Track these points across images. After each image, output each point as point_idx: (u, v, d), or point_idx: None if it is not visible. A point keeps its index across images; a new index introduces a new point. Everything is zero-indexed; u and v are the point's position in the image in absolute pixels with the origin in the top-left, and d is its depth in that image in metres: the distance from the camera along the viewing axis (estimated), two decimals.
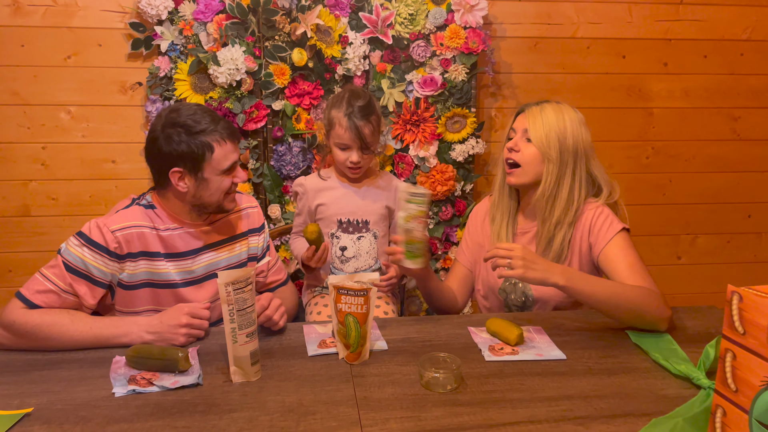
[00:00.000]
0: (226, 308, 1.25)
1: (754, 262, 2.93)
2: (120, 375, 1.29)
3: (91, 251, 1.48)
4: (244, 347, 1.27)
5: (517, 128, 1.68)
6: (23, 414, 1.14)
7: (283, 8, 2.31)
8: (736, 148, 2.82)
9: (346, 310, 1.35)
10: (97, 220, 1.52)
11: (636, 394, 1.24)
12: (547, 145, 1.62)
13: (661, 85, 2.72)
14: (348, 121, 1.84)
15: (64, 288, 1.46)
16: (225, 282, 1.23)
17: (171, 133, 1.50)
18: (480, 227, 1.83)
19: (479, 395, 1.23)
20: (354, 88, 1.96)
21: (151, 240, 1.55)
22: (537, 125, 1.63)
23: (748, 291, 0.94)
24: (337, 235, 1.94)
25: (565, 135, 1.62)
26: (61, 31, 2.38)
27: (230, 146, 1.54)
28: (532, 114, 1.65)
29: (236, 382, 1.27)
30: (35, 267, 2.50)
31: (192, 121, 1.50)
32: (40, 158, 2.46)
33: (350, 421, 1.14)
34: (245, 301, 1.26)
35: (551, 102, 1.69)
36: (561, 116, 1.64)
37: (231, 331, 1.26)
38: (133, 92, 2.45)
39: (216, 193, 1.56)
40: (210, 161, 1.51)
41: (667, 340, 1.47)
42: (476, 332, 1.52)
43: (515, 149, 1.66)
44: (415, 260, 1.58)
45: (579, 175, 1.65)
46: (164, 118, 1.53)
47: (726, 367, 0.99)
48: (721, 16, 2.68)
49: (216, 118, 1.54)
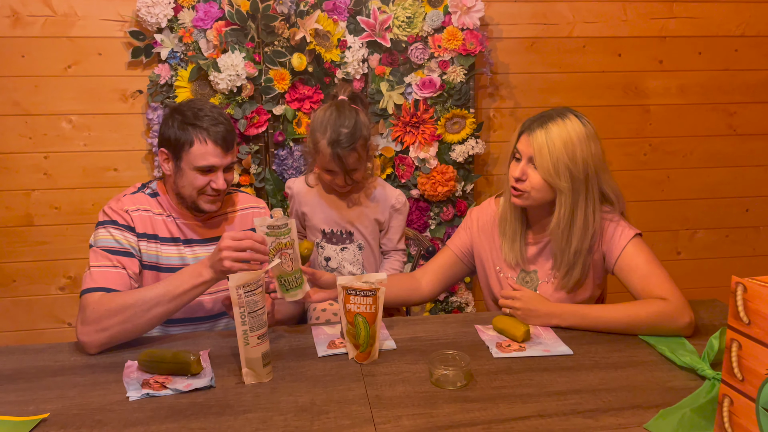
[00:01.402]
0: (238, 311, 1.26)
1: (752, 256, 2.96)
2: (133, 379, 1.30)
3: (116, 229, 1.57)
4: (256, 349, 1.29)
5: (523, 153, 1.55)
6: (40, 419, 1.16)
7: (281, 14, 2.32)
8: (732, 143, 2.85)
9: (355, 310, 1.37)
10: (109, 203, 1.62)
11: (643, 386, 1.26)
12: (556, 177, 1.50)
13: (657, 83, 2.74)
14: (331, 152, 1.76)
15: (114, 264, 1.52)
16: (236, 285, 1.25)
17: (170, 117, 1.61)
18: (485, 231, 1.75)
19: (489, 391, 1.25)
20: (340, 105, 1.80)
21: (159, 224, 1.63)
22: (543, 156, 1.51)
23: (753, 281, 0.96)
24: (321, 244, 1.91)
25: (575, 161, 1.50)
26: (61, 40, 2.39)
27: (211, 148, 1.57)
28: (537, 142, 1.51)
29: (249, 384, 1.29)
30: (39, 277, 2.56)
31: (191, 113, 1.58)
32: (42, 168, 2.47)
33: (363, 419, 1.15)
34: (256, 303, 1.27)
35: (556, 120, 1.53)
36: (569, 139, 1.50)
37: (243, 334, 1.27)
38: (134, 100, 2.46)
39: (188, 187, 1.60)
40: (188, 153, 1.57)
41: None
42: (483, 330, 1.54)
43: (522, 179, 1.55)
44: (293, 292, 1.49)
45: (592, 197, 1.55)
46: (180, 102, 1.65)
47: (732, 356, 1.01)
48: (714, 13, 2.71)
49: (216, 121, 1.58)
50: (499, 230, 1.70)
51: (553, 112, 1.56)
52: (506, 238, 1.67)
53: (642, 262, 1.54)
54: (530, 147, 1.53)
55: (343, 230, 1.90)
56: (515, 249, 1.65)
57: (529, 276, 1.66)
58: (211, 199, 1.62)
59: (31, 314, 2.57)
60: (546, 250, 1.65)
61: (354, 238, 1.91)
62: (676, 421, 1.12)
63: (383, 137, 2.50)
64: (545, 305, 1.55)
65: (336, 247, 1.91)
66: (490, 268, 1.72)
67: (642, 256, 1.55)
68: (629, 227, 1.59)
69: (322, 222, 1.91)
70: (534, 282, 1.65)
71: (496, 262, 1.70)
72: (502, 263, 1.69)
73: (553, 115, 1.54)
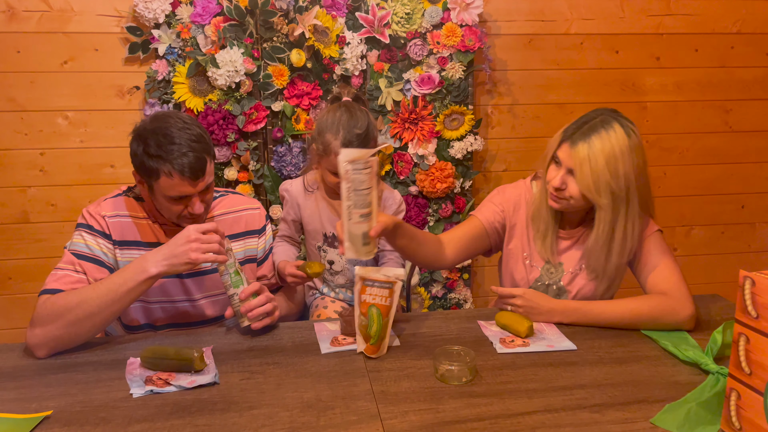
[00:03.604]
0: (345, 185, 1.32)
1: (748, 252, 2.98)
2: (136, 376, 1.29)
3: (90, 234, 1.52)
4: (357, 226, 1.34)
5: (563, 162, 1.51)
6: (43, 417, 1.15)
7: (280, 9, 2.31)
8: (728, 139, 2.86)
9: (371, 301, 1.36)
10: (88, 207, 1.57)
11: (648, 381, 1.27)
12: (596, 194, 1.47)
13: (654, 79, 2.75)
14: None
15: (76, 268, 1.48)
16: (345, 159, 1.30)
17: (134, 141, 1.48)
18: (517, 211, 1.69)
19: (494, 386, 1.25)
20: (350, 107, 1.75)
21: (143, 228, 1.57)
22: (584, 172, 1.46)
23: (761, 275, 0.96)
24: (323, 248, 1.88)
25: (617, 178, 1.45)
26: (57, 36, 2.37)
27: (178, 181, 1.43)
28: (579, 156, 1.46)
29: (347, 258, 1.33)
30: (35, 274, 2.53)
31: (154, 142, 1.43)
32: (39, 164, 2.45)
33: (370, 415, 1.15)
34: (362, 182, 1.31)
35: (600, 132, 1.46)
36: (611, 155, 1.45)
37: (347, 208, 1.33)
38: (131, 96, 2.45)
39: (167, 212, 1.52)
40: (157, 184, 1.46)
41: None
42: (486, 326, 1.54)
43: (562, 188, 1.51)
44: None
45: (633, 211, 1.51)
46: (147, 120, 1.50)
47: (739, 350, 1.01)
48: (711, 10, 2.72)
49: (183, 149, 1.42)
50: (533, 224, 1.66)
51: (597, 120, 1.48)
52: (539, 233, 1.64)
53: (655, 255, 1.56)
54: (571, 159, 1.48)
55: None
56: (546, 244, 1.64)
57: (554, 267, 1.65)
58: (191, 220, 1.52)
59: (27, 312, 2.51)
60: (578, 244, 1.65)
61: None
62: (683, 415, 1.13)
63: (382, 134, 2.50)
64: (547, 302, 1.55)
65: (338, 251, 1.87)
66: (518, 254, 1.69)
67: (657, 250, 1.56)
68: (652, 223, 1.60)
69: (324, 226, 1.86)
70: (558, 273, 1.64)
71: (525, 248, 1.68)
72: (533, 252, 1.67)
73: (597, 126, 1.47)
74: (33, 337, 1.39)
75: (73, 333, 1.39)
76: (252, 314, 1.46)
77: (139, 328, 1.63)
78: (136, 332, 1.63)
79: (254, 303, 1.46)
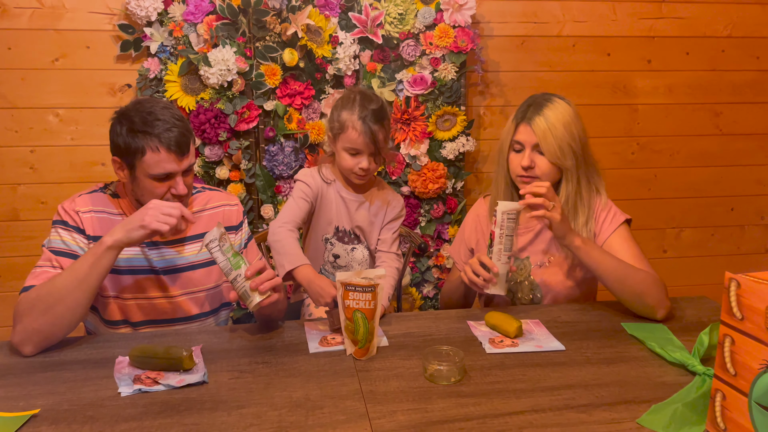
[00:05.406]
0: (498, 231, 1.54)
1: (737, 254, 3.00)
2: (124, 375, 1.29)
3: (65, 230, 1.53)
4: (505, 266, 1.56)
5: (525, 142, 1.63)
6: (30, 415, 1.14)
7: (273, 9, 2.31)
8: (718, 142, 2.88)
9: (354, 306, 1.36)
10: (63, 203, 1.58)
11: (635, 381, 1.27)
12: (563, 157, 1.61)
13: (645, 82, 2.77)
14: (363, 125, 1.69)
15: (53, 264, 1.48)
16: (501, 210, 1.53)
17: (117, 122, 1.50)
18: (475, 231, 1.81)
19: (483, 386, 1.25)
20: (363, 90, 1.81)
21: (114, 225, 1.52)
22: (549, 140, 1.60)
23: (746, 277, 0.97)
24: (331, 241, 1.87)
25: (574, 138, 1.62)
26: (49, 33, 2.36)
27: (165, 155, 1.46)
28: (540, 128, 1.61)
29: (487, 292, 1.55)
30: (26, 272, 2.47)
31: (139, 118, 1.46)
32: (29, 162, 2.44)
33: (358, 415, 1.15)
34: (512, 229, 1.55)
35: (548, 105, 1.63)
36: (565, 120, 1.61)
37: (497, 251, 1.55)
38: (123, 94, 2.44)
39: (148, 195, 1.51)
40: (141, 162, 1.47)
41: (662, 329, 1.51)
42: (475, 326, 1.55)
43: (531, 166, 1.63)
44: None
45: (591, 169, 1.68)
46: (127, 106, 1.52)
47: (725, 352, 1.02)
48: (702, 14, 2.74)
49: (168, 125, 1.46)
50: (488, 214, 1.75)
51: (539, 99, 1.65)
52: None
53: (630, 245, 1.63)
54: (533, 135, 1.61)
55: (354, 231, 1.85)
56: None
57: (522, 263, 1.69)
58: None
59: None
60: (540, 235, 1.69)
61: (362, 239, 1.87)
62: (669, 415, 1.13)
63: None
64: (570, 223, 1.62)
65: (346, 246, 1.87)
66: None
67: (630, 241, 1.64)
68: (620, 212, 1.68)
69: (335, 219, 1.84)
70: (527, 268, 1.67)
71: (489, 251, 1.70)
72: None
73: (543, 102, 1.64)
74: (15, 334, 1.40)
75: (50, 322, 1.39)
76: (263, 287, 1.42)
77: (117, 324, 1.62)
78: (115, 327, 1.62)
79: (263, 277, 1.44)
